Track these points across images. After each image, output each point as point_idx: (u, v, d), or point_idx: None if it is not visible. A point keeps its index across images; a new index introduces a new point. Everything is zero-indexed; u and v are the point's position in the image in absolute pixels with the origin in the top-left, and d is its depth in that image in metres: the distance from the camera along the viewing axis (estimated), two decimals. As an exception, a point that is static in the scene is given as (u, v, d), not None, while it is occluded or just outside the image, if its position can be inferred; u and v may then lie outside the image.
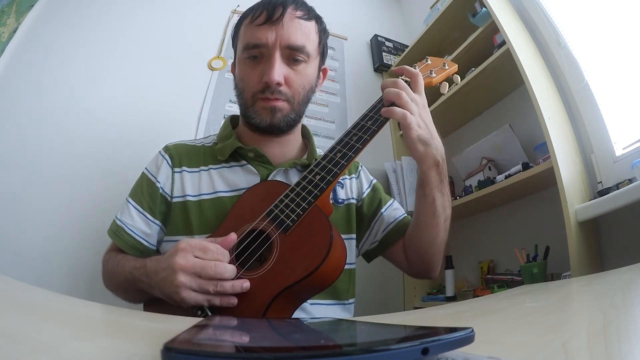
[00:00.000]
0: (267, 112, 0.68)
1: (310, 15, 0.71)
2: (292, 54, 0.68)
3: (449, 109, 1.51)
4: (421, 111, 0.62)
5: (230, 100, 1.46)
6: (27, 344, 0.20)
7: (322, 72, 0.79)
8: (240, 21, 0.73)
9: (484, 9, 1.28)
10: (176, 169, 0.71)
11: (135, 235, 0.66)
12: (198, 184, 0.69)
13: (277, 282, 0.49)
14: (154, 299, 0.54)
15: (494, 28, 1.23)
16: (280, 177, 0.70)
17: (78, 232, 1.11)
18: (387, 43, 1.95)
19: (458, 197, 1.36)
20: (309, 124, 0.81)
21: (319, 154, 0.76)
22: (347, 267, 0.70)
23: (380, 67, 1.89)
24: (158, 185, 0.69)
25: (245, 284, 0.48)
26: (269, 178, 0.68)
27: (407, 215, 0.78)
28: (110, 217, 0.70)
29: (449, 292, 1.31)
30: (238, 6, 1.64)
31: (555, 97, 1.15)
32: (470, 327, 0.18)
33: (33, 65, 1.21)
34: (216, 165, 0.71)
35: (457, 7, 1.49)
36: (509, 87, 1.36)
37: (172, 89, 1.40)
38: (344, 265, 0.55)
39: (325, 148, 0.80)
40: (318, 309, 0.65)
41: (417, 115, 0.61)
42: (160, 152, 0.75)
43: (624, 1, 1.11)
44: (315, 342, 0.25)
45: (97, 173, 1.18)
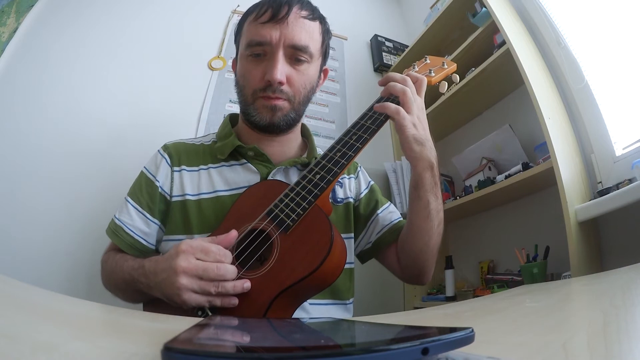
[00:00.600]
0: (268, 110, 0.68)
1: (315, 15, 0.71)
2: (295, 54, 0.68)
3: (449, 109, 1.51)
4: (420, 113, 0.62)
5: (230, 100, 1.46)
6: (27, 344, 0.20)
7: (323, 72, 0.78)
8: (244, 18, 0.73)
9: (484, 9, 1.28)
10: (175, 168, 0.71)
11: (134, 235, 0.66)
12: (197, 183, 0.69)
13: (278, 282, 0.49)
14: (154, 299, 0.54)
15: (494, 28, 1.24)
16: (280, 176, 0.70)
17: (78, 231, 1.11)
18: (387, 43, 1.95)
19: (458, 197, 1.36)
20: (309, 124, 0.81)
21: (318, 152, 0.76)
22: (347, 266, 0.70)
23: (380, 67, 1.89)
24: (157, 184, 0.69)
25: (246, 284, 0.48)
26: (269, 177, 0.68)
27: (403, 219, 0.78)
28: (110, 217, 0.70)
29: (449, 292, 1.31)
30: (238, 6, 1.64)
31: (555, 97, 1.15)
32: (470, 327, 0.18)
33: (33, 65, 1.21)
34: (215, 164, 0.71)
35: (457, 7, 1.49)
36: (509, 87, 1.36)
37: (172, 89, 1.40)
38: (344, 265, 0.55)
39: (325, 148, 0.80)
40: (318, 309, 0.65)
41: (415, 115, 0.61)
42: (159, 150, 0.74)
43: (624, 1, 1.11)
44: (315, 342, 0.25)
45: (97, 173, 1.18)
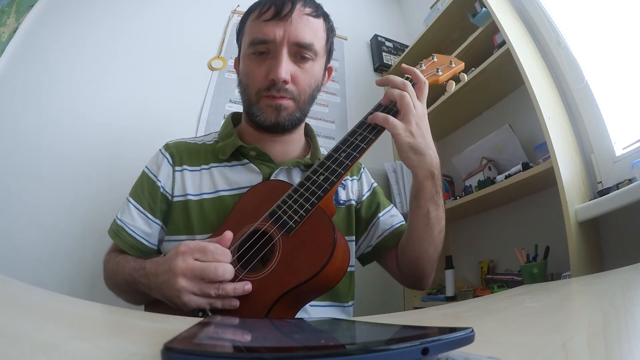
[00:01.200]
0: (272, 110, 0.66)
1: (319, 12, 0.69)
2: (300, 52, 0.66)
3: (449, 109, 1.51)
4: (419, 120, 0.61)
5: (230, 100, 1.46)
6: (27, 344, 0.20)
7: (328, 71, 0.77)
8: (246, 16, 0.71)
9: (484, 9, 1.28)
10: (177, 168, 0.70)
11: (136, 235, 0.66)
12: (199, 183, 0.68)
13: (280, 285, 0.48)
14: (156, 300, 0.53)
15: (494, 28, 1.24)
16: (282, 176, 0.69)
17: (79, 232, 1.11)
18: (387, 43, 1.95)
19: (458, 197, 1.36)
20: (309, 123, 0.80)
21: (322, 153, 0.75)
22: (348, 269, 0.69)
23: (380, 67, 1.89)
24: (159, 184, 0.68)
25: (247, 286, 0.47)
26: (271, 177, 0.67)
27: (404, 222, 0.77)
28: (111, 217, 0.70)
29: (449, 292, 1.31)
30: (238, 6, 1.64)
31: (555, 97, 1.15)
32: (470, 327, 0.18)
33: (33, 65, 1.21)
34: (217, 164, 0.70)
35: (457, 7, 1.49)
36: (509, 87, 1.36)
37: (172, 89, 1.40)
38: (347, 267, 0.54)
39: (325, 148, 0.80)
40: (317, 311, 0.65)
41: (414, 124, 0.59)
42: (160, 150, 0.74)
43: (624, 1, 1.11)
44: (315, 342, 0.25)
45: (98, 173, 1.18)
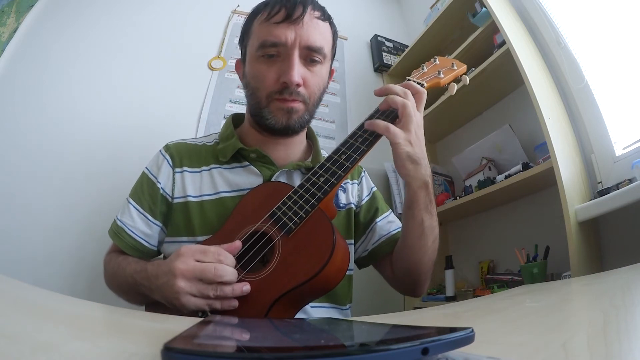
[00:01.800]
0: (284, 113, 0.66)
1: (326, 16, 0.69)
2: (310, 55, 0.66)
3: (449, 109, 1.51)
4: (418, 129, 0.60)
5: (230, 100, 1.46)
6: (27, 344, 0.20)
7: (330, 73, 0.77)
8: (252, 17, 0.70)
9: (484, 9, 1.28)
10: (177, 169, 0.70)
11: (136, 236, 0.66)
12: (199, 185, 0.68)
13: (279, 286, 0.48)
14: (156, 301, 0.53)
15: (494, 28, 1.24)
16: (283, 179, 0.69)
17: (78, 232, 1.11)
18: (387, 43, 1.95)
19: (458, 197, 1.36)
20: (311, 126, 0.80)
21: (323, 156, 0.75)
22: (347, 272, 0.69)
23: (380, 67, 1.89)
24: (159, 185, 0.68)
25: (246, 287, 0.47)
26: (272, 179, 0.67)
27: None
28: (111, 218, 0.70)
29: (449, 292, 1.31)
30: (238, 6, 1.64)
31: (555, 97, 1.15)
32: (470, 327, 0.18)
33: (33, 65, 1.21)
34: (218, 165, 0.70)
35: (457, 7, 1.49)
36: (509, 87, 1.36)
37: (172, 89, 1.40)
38: (346, 269, 0.54)
39: (325, 148, 0.80)
40: (316, 312, 0.65)
41: (413, 132, 0.58)
42: (160, 151, 0.73)
43: (624, 1, 1.11)
44: (315, 342, 0.25)
45: (98, 173, 1.18)
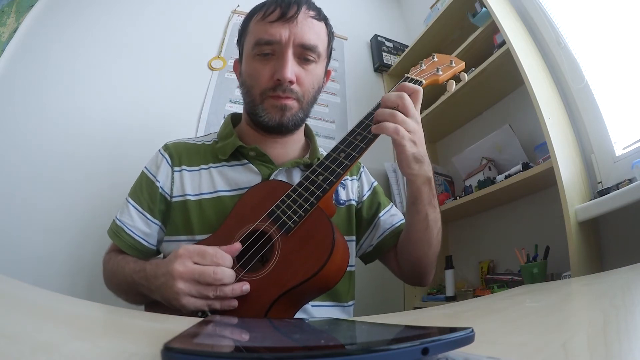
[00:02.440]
0: (277, 110, 0.67)
1: (321, 16, 0.71)
2: (304, 53, 0.67)
3: (449, 109, 1.51)
4: (418, 127, 0.60)
5: (230, 100, 1.46)
6: (27, 344, 0.20)
7: (327, 73, 0.78)
8: (249, 17, 0.72)
9: (484, 9, 1.28)
10: (176, 168, 0.70)
11: (135, 236, 0.66)
12: (198, 183, 0.68)
13: (278, 285, 0.48)
14: (156, 300, 0.54)
15: (494, 28, 1.23)
16: (281, 177, 0.69)
17: (78, 232, 1.11)
18: (387, 43, 1.95)
19: (458, 197, 1.36)
20: (309, 124, 0.81)
21: (321, 153, 0.75)
22: (348, 269, 0.69)
23: (380, 67, 1.89)
24: (158, 184, 0.68)
25: (245, 287, 0.47)
26: (271, 178, 0.68)
27: (404, 221, 0.77)
28: (110, 217, 0.70)
29: (449, 292, 1.31)
30: (238, 6, 1.64)
31: (555, 97, 1.15)
32: (470, 327, 0.18)
33: (33, 65, 1.21)
34: (216, 164, 0.71)
35: (457, 7, 1.49)
36: (509, 87, 1.36)
37: (172, 89, 1.40)
38: (346, 267, 0.54)
39: (325, 148, 0.80)
40: (317, 311, 0.65)
41: (415, 132, 0.58)
42: (159, 150, 0.74)
43: (624, 1, 1.11)
44: (315, 342, 0.25)
45: (97, 173, 1.18)
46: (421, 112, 0.97)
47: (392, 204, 0.82)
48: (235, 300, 0.47)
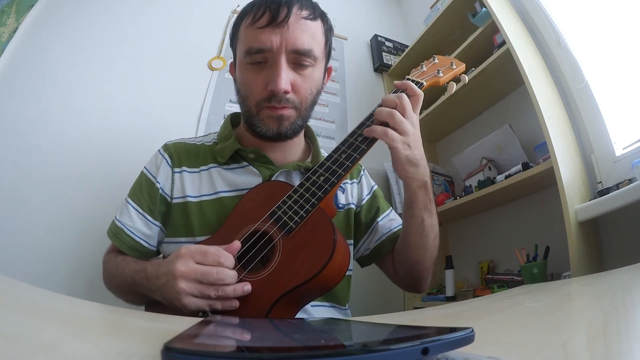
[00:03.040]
0: (274, 120, 0.64)
1: (316, 14, 0.66)
2: (299, 59, 0.63)
3: (449, 109, 1.51)
4: (415, 130, 0.59)
5: (230, 100, 1.46)
6: (27, 344, 0.20)
7: (327, 71, 0.75)
8: (239, 20, 0.67)
9: (484, 9, 1.28)
10: (176, 169, 0.69)
11: (135, 237, 0.66)
12: (199, 185, 0.68)
13: (279, 285, 0.48)
14: (156, 300, 0.54)
15: (494, 28, 1.24)
16: (282, 179, 0.68)
17: (78, 232, 1.10)
18: (387, 43, 1.95)
19: (458, 197, 1.36)
20: (309, 124, 0.80)
21: (322, 155, 0.74)
22: (347, 273, 0.69)
23: (380, 67, 1.89)
24: (158, 185, 0.68)
25: (247, 287, 0.47)
26: (272, 179, 0.67)
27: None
28: (110, 217, 0.69)
29: (449, 292, 1.31)
30: (238, 6, 1.63)
31: (555, 97, 1.15)
32: (470, 327, 0.18)
33: (33, 66, 1.21)
34: (217, 165, 0.70)
35: (457, 7, 1.49)
36: (509, 87, 1.36)
37: (172, 89, 1.40)
38: (347, 268, 0.54)
39: (325, 148, 0.80)
40: (316, 312, 0.65)
41: (410, 135, 0.57)
42: (159, 150, 0.73)
43: (624, 1, 1.11)
44: (315, 342, 0.25)
45: (97, 173, 1.18)
46: (421, 112, 0.96)
47: (391, 208, 0.81)
48: (237, 301, 0.47)
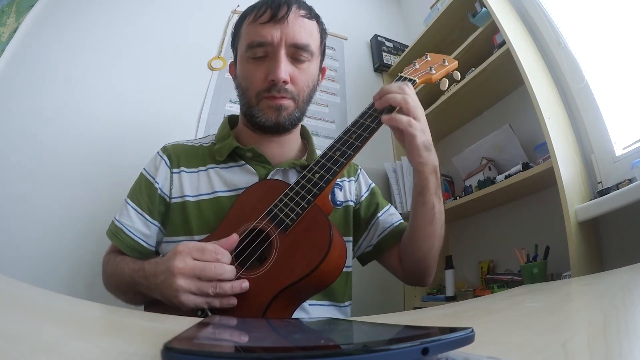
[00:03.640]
0: (273, 110, 0.68)
1: (312, 14, 0.71)
2: (297, 53, 0.68)
3: (449, 109, 1.51)
4: (424, 117, 0.62)
5: (230, 100, 1.46)
6: (27, 344, 0.20)
7: (322, 71, 0.79)
8: (241, 20, 0.72)
9: (484, 9, 1.28)
10: (174, 170, 0.70)
11: (134, 237, 0.66)
12: (197, 185, 0.69)
13: (277, 282, 0.49)
14: (155, 300, 0.54)
15: (494, 28, 1.24)
16: (278, 177, 0.69)
17: (78, 232, 1.11)
18: (387, 43, 1.95)
19: (458, 197, 1.36)
20: (309, 124, 0.81)
21: (317, 154, 0.76)
22: (344, 269, 0.69)
23: (380, 67, 1.89)
24: (156, 186, 0.69)
25: (245, 284, 0.48)
26: (268, 177, 0.68)
27: (404, 221, 0.78)
28: (110, 217, 0.70)
29: (449, 292, 1.31)
30: (238, 6, 1.63)
31: (555, 97, 1.15)
32: (470, 327, 0.18)
33: (33, 66, 1.21)
34: (214, 165, 0.71)
35: (457, 7, 1.49)
36: (509, 87, 1.36)
37: (172, 89, 1.40)
38: (344, 264, 0.54)
39: (323, 147, 0.80)
40: (315, 310, 0.65)
41: (424, 120, 0.61)
42: (158, 152, 0.74)
43: (624, 1, 1.11)
44: (314, 342, 0.25)
45: (97, 173, 1.18)
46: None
47: (390, 204, 0.82)
48: (235, 298, 0.47)
